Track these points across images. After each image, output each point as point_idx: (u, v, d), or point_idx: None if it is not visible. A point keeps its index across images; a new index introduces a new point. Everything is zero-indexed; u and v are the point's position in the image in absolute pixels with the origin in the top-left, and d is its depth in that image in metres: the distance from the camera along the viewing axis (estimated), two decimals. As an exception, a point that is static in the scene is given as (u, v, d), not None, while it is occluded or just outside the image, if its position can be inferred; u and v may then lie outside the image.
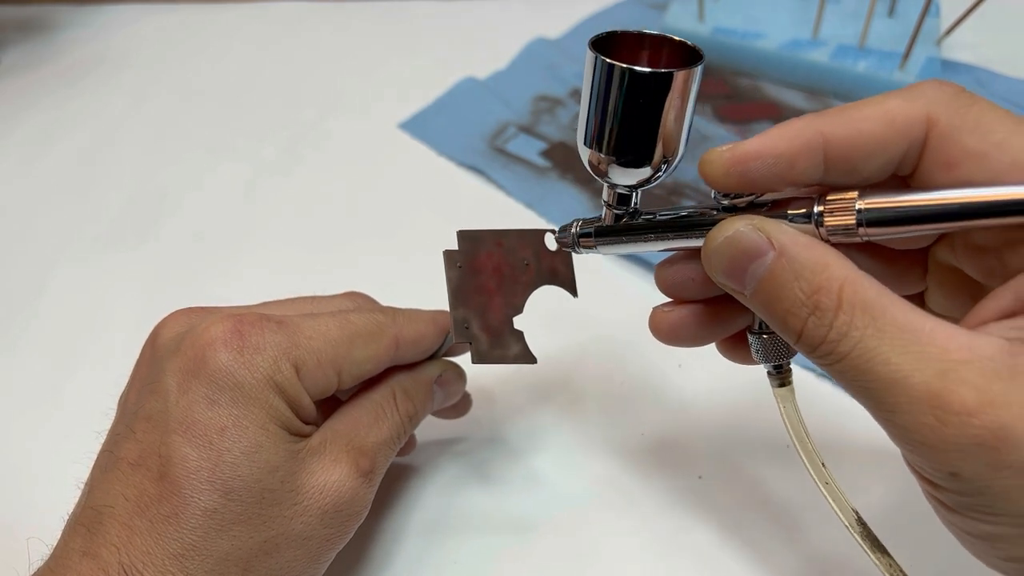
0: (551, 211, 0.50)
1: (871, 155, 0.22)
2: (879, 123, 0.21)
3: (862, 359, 0.19)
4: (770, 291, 0.21)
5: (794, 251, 0.21)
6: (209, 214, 0.53)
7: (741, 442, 0.36)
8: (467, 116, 0.59)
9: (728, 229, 0.22)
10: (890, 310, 0.19)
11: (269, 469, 0.25)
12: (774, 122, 0.56)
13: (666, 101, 0.23)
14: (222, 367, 0.25)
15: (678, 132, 0.24)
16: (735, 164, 0.22)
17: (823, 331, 0.20)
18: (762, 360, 0.26)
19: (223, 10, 0.77)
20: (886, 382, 0.19)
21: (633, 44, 0.25)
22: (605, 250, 0.28)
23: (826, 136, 0.22)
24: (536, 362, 0.30)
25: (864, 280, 0.20)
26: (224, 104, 0.64)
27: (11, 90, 0.67)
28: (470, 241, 0.30)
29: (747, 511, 0.33)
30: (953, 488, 0.19)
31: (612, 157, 0.24)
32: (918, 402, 0.18)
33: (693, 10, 0.63)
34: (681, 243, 0.25)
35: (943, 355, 0.18)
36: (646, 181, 0.25)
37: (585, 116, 0.24)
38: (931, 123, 0.21)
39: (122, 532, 0.23)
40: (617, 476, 0.35)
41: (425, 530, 0.34)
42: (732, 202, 0.23)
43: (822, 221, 0.22)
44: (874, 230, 0.21)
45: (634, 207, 0.27)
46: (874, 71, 0.56)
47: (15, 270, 0.49)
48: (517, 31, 0.68)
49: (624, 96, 0.23)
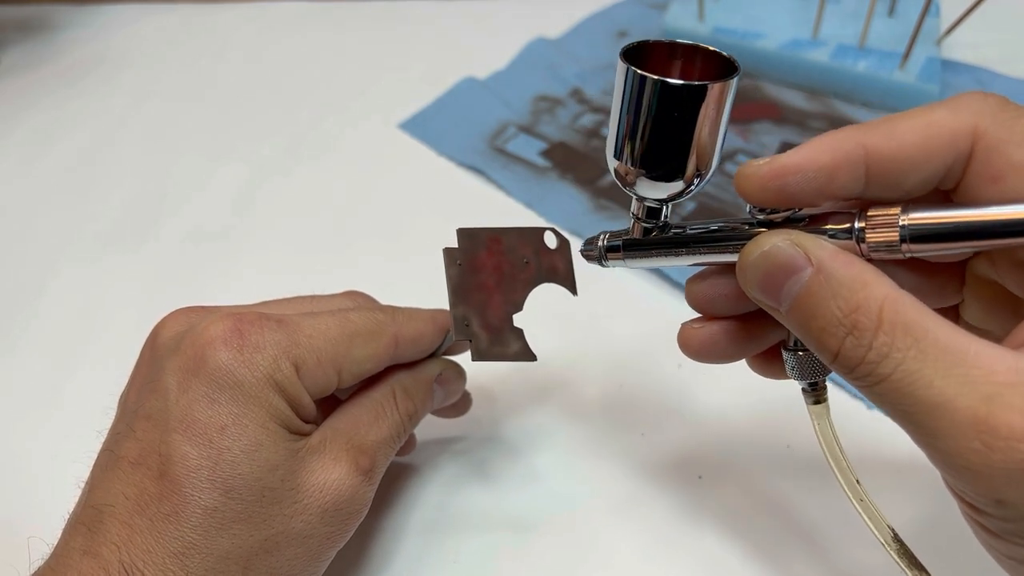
0: (551, 211, 0.50)
1: (914, 168, 0.21)
2: (923, 135, 0.21)
3: (903, 382, 0.19)
4: (806, 308, 0.21)
5: (832, 267, 0.20)
6: (209, 214, 0.53)
7: (741, 442, 0.36)
8: (467, 116, 0.59)
9: (765, 244, 0.22)
10: (933, 331, 0.19)
11: (269, 467, 0.25)
12: (774, 122, 0.56)
13: (700, 114, 0.22)
14: (222, 366, 0.25)
15: (712, 145, 0.23)
16: (773, 178, 0.22)
17: (861, 351, 0.19)
18: (797, 377, 0.25)
19: (223, 10, 0.77)
20: (929, 406, 0.18)
21: (665, 54, 0.24)
22: (633, 264, 0.27)
23: (868, 149, 0.21)
24: (536, 359, 0.30)
25: (905, 299, 0.20)
26: (224, 104, 0.64)
27: (11, 90, 0.67)
28: (470, 239, 0.30)
29: (747, 511, 0.33)
30: (998, 514, 0.19)
31: (643, 171, 0.24)
32: (963, 427, 0.18)
33: (693, 10, 0.63)
34: (713, 258, 0.25)
35: (988, 378, 0.18)
36: (678, 195, 0.24)
37: (616, 129, 0.24)
38: (977, 136, 0.21)
39: (122, 531, 0.23)
40: (617, 476, 0.35)
41: (425, 529, 0.34)
42: (768, 217, 0.23)
43: (864, 237, 0.21)
44: (918, 246, 0.20)
45: (664, 221, 0.26)
46: (874, 71, 0.56)
47: (15, 270, 0.49)
48: (517, 31, 0.68)
49: (657, 109, 0.22)
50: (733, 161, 0.53)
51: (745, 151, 0.54)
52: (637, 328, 0.42)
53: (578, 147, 0.55)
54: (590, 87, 0.61)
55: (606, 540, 0.33)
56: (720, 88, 0.22)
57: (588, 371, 0.40)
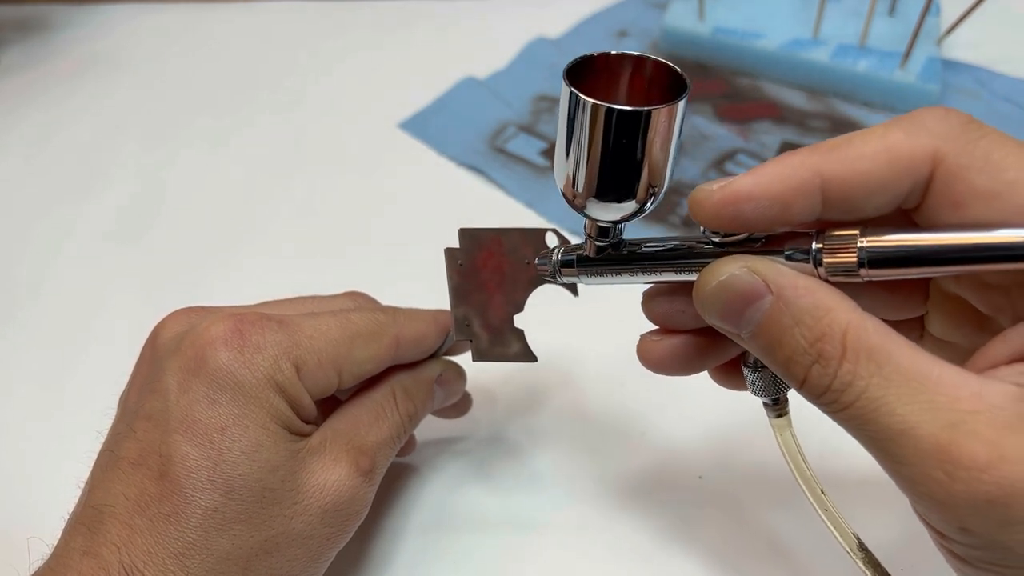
0: (551, 211, 0.50)
1: (872, 195, 0.20)
2: (880, 162, 0.20)
3: (867, 408, 0.19)
4: (770, 336, 0.20)
5: (792, 295, 0.20)
6: (208, 214, 0.52)
7: (742, 443, 0.36)
8: (467, 116, 0.59)
9: (721, 272, 0.21)
10: (895, 356, 0.19)
11: (269, 468, 0.25)
12: (774, 121, 0.56)
13: (648, 136, 0.21)
14: (222, 366, 0.25)
15: (664, 162, 0.22)
16: (726, 205, 0.21)
17: (827, 380, 0.19)
18: (759, 394, 0.25)
19: (222, 9, 0.77)
20: (893, 432, 0.18)
21: (613, 67, 0.23)
22: (589, 281, 0.27)
23: (823, 176, 0.20)
24: (536, 360, 0.30)
25: (868, 324, 0.19)
26: (223, 103, 0.64)
27: (9, 89, 0.67)
28: (471, 239, 0.30)
29: (748, 511, 0.33)
30: (964, 541, 0.19)
31: (592, 196, 0.22)
32: (926, 455, 0.18)
33: (693, 9, 0.63)
34: (669, 277, 0.24)
35: (952, 404, 0.18)
36: (632, 215, 0.23)
37: (562, 152, 0.22)
38: (937, 160, 0.20)
39: (122, 531, 0.23)
40: (617, 476, 0.35)
41: (425, 529, 0.34)
42: (723, 239, 0.22)
43: (821, 260, 0.20)
44: (876, 271, 0.20)
45: (617, 238, 0.25)
46: (875, 70, 0.56)
47: (14, 270, 0.49)
48: (517, 31, 0.68)
49: (603, 134, 0.21)
50: (734, 161, 0.53)
51: (745, 151, 0.54)
52: (637, 328, 0.41)
53: (578, 147, 0.55)
54: (590, 87, 0.61)
55: (606, 540, 0.33)
56: (668, 111, 0.21)
57: (588, 371, 0.40)
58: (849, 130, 0.54)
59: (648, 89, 0.23)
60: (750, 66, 0.61)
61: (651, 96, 0.23)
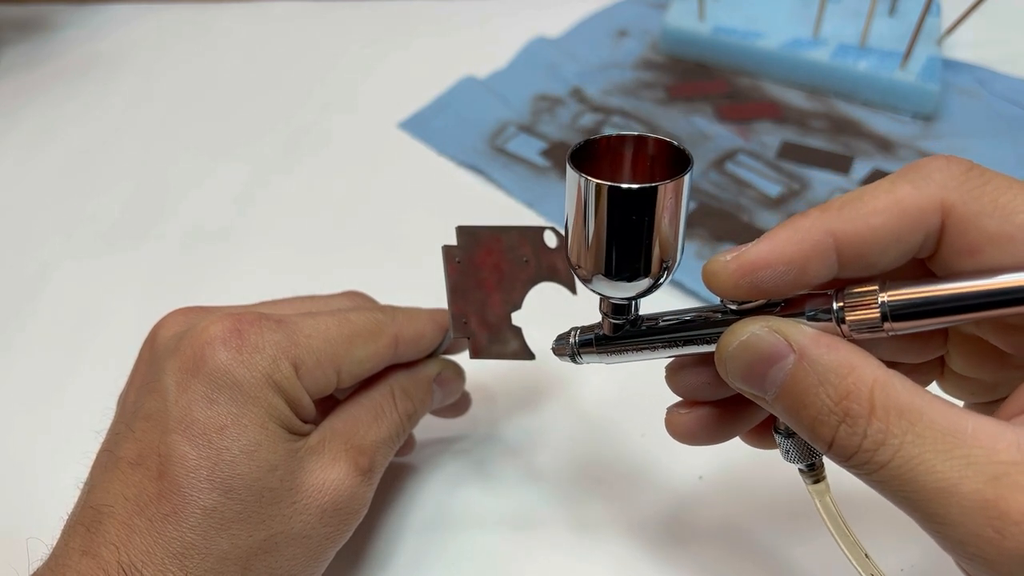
0: (551, 210, 0.50)
1: (886, 249, 0.20)
2: (891, 216, 0.20)
3: (903, 468, 0.18)
4: (794, 397, 0.20)
5: (815, 353, 0.20)
6: (208, 214, 0.52)
7: (742, 443, 0.36)
8: (467, 115, 0.59)
9: (742, 332, 0.21)
10: (928, 412, 0.18)
11: (268, 468, 0.25)
12: (774, 121, 0.56)
13: (656, 213, 0.21)
14: (221, 366, 0.25)
15: (675, 237, 0.22)
16: (743, 275, 0.21)
17: (856, 440, 0.19)
18: (792, 461, 0.25)
19: (222, 10, 0.77)
20: (933, 492, 0.17)
21: (615, 148, 0.23)
22: (609, 360, 0.26)
23: (836, 235, 0.20)
24: (534, 358, 0.30)
25: (895, 381, 0.19)
26: (223, 104, 0.64)
27: (10, 89, 0.67)
28: (469, 237, 0.30)
29: (748, 512, 0.33)
30: None
31: (604, 276, 0.23)
32: (972, 513, 0.17)
33: (693, 9, 0.63)
34: (691, 350, 0.24)
35: (991, 457, 0.17)
36: (646, 291, 0.23)
37: (572, 234, 0.23)
38: (946, 210, 0.20)
39: (121, 531, 0.23)
40: (616, 476, 0.35)
41: (424, 528, 0.33)
42: (741, 307, 0.22)
43: (843, 318, 0.20)
44: (900, 324, 0.19)
45: (634, 315, 0.25)
46: (875, 70, 0.56)
47: (14, 270, 0.49)
48: (517, 31, 0.68)
49: (611, 214, 0.21)
50: (734, 161, 0.53)
51: (745, 150, 0.53)
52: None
53: (578, 147, 0.55)
54: (590, 86, 0.61)
55: (605, 540, 0.33)
56: (674, 186, 0.21)
57: (588, 371, 0.40)
58: (850, 130, 0.55)
59: (651, 167, 0.23)
60: (750, 66, 0.61)
61: (655, 174, 0.23)
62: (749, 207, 0.49)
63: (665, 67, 0.64)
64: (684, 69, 0.63)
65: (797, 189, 0.50)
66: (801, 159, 0.53)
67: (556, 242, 0.30)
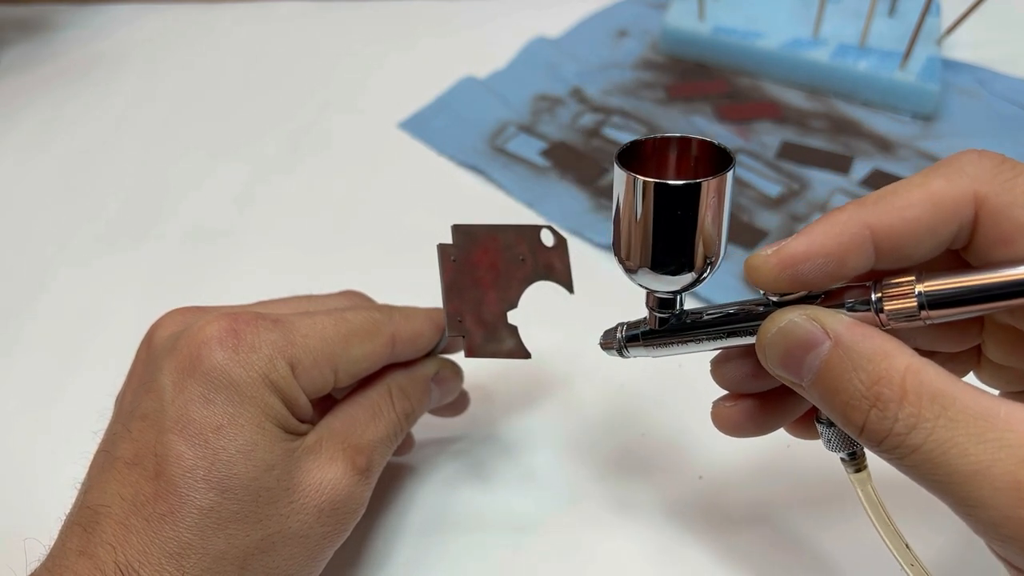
0: (551, 210, 0.50)
1: (921, 241, 0.21)
2: (925, 208, 0.21)
3: (935, 451, 0.18)
4: (828, 382, 0.21)
5: (850, 340, 0.20)
6: (208, 214, 0.52)
7: (742, 443, 0.36)
8: (467, 116, 0.59)
9: (781, 320, 0.22)
10: (960, 397, 0.18)
11: (265, 467, 0.25)
12: (774, 121, 0.56)
13: (700, 209, 0.22)
14: (217, 366, 0.25)
15: (718, 234, 0.23)
16: (784, 268, 0.22)
17: (887, 424, 0.19)
18: (834, 449, 0.25)
19: (223, 10, 0.77)
20: (965, 475, 0.18)
21: (661, 149, 0.24)
22: (656, 353, 0.27)
23: (872, 228, 0.21)
24: (530, 356, 0.30)
25: (928, 367, 0.19)
26: (223, 104, 0.64)
27: (10, 90, 0.67)
28: (465, 235, 0.29)
29: (748, 512, 0.33)
30: None
31: (650, 269, 0.24)
32: (1004, 495, 0.17)
33: (693, 9, 0.63)
34: (734, 342, 0.25)
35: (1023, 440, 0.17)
36: (691, 285, 0.24)
37: (619, 230, 0.24)
38: (979, 202, 0.21)
39: (118, 531, 0.23)
40: (616, 476, 0.35)
41: (422, 528, 0.33)
42: (783, 299, 0.23)
43: (882, 307, 0.21)
44: (937, 312, 0.20)
45: (679, 309, 0.26)
46: (875, 70, 0.56)
47: (13, 270, 0.49)
48: (517, 31, 0.68)
49: (657, 210, 0.22)
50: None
51: (745, 150, 0.53)
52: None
53: (578, 146, 0.55)
54: (590, 86, 0.61)
55: (605, 540, 0.33)
56: (717, 183, 0.22)
57: (587, 370, 0.40)
58: (850, 130, 0.55)
59: (695, 166, 0.24)
60: (750, 66, 0.61)
61: (699, 173, 0.24)
62: (749, 207, 0.49)
63: (665, 67, 0.64)
64: (684, 69, 0.63)
65: (797, 189, 0.50)
66: (801, 159, 0.52)
67: (553, 240, 0.30)
